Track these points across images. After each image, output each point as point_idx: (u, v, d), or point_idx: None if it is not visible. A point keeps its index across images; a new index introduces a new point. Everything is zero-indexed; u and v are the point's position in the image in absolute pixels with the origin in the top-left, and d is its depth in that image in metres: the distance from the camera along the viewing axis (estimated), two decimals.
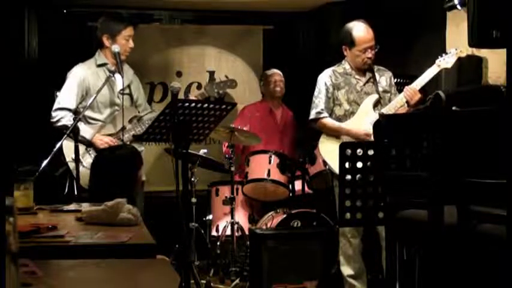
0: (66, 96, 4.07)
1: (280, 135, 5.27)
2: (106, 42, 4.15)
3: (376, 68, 4.14)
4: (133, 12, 5.28)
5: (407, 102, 3.92)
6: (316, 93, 4.14)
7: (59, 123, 4.02)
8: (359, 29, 4.02)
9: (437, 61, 3.90)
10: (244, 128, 4.75)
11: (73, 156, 3.89)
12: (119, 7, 5.38)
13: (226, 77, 4.70)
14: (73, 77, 4.13)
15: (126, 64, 4.29)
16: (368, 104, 4.05)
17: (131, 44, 4.18)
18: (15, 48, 5.10)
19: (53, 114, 4.06)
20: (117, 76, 4.10)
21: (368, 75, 4.13)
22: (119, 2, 5.47)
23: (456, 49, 3.89)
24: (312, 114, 4.11)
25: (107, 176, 3.14)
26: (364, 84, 4.10)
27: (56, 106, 4.06)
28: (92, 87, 4.09)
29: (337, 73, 4.13)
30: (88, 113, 4.07)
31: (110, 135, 4.12)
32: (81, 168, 3.73)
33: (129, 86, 4.26)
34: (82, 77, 4.11)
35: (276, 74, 5.30)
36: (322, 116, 4.07)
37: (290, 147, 5.27)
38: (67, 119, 4.01)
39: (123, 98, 4.10)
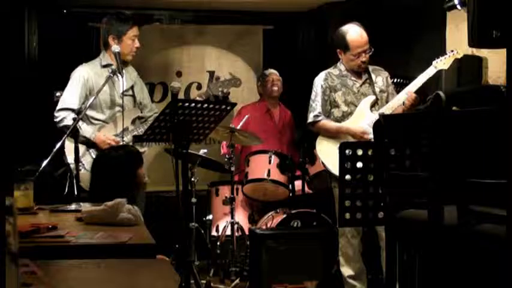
0: (70, 97, 4.08)
1: (278, 135, 5.27)
2: (112, 42, 4.15)
3: (371, 68, 4.14)
4: (133, 12, 5.27)
5: (404, 103, 3.92)
6: (312, 96, 4.14)
7: (62, 124, 4.03)
8: (353, 34, 4.01)
9: (434, 62, 3.90)
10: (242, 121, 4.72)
11: (74, 157, 3.90)
12: (119, 7, 5.37)
13: (231, 74, 4.68)
14: (77, 77, 4.14)
15: (131, 66, 4.32)
16: (365, 105, 4.04)
17: (137, 43, 4.20)
18: (15, 48, 5.10)
19: (56, 114, 4.06)
20: (121, 77, 4.11)
21: (364, 76, 4.13)
22: (119, 2, 5.47)
23: (453, 50, 3.89)
24: (310, 118, 4.11)
25: (106, 176, 3.14)
26: (361, 86, 4.10)
27: (59, 106, 4.07)
28: (96, 88, 4.10)
29: (333, 75, 4.13)
30: (91, 112, 4.08)
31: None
32: (81, 169, 3.73)
33: (132, 88, 4.27)
34: (86, 77, 4.12)
35: (273, 74, 5.31)
36: (319, 119, 4.07)
37: (289, 147, 5.27)
38: (69, 119, 4.01)
39: (123, 98, 4.11)
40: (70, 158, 3.92)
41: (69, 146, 3.83)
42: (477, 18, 2.04)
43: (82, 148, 3.94)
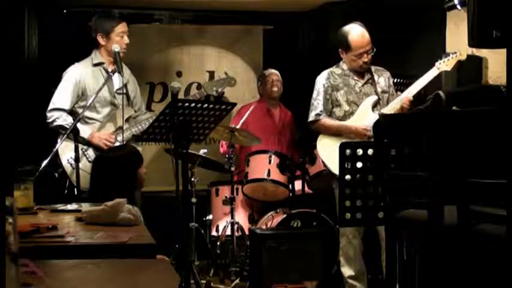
0: (61, 97, 4.08)
1: (278, 135, 5.27)
2: (101, 41, 4.16)
3: (374, 68, 4.14)
4: (133, 12, 5.28)
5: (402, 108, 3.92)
6: (314, 95, 4.14)
7: (54, 124, 4.03)
8: (355, 34, 4.01)
9: (437, 63, 3.89)
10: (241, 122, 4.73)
11: (68, 158, 3.91)
12: (119, 7, 5.37)
13: (226, 74, 4.67)
14: (68, 78, 4.13)
15: (123, 64, 4.30)
16: (367, 104, 4.05)
17: (126, 40, 4.18)
18: (15, 48, 5.10)
19: (48, 114, 4.06)
20: (114, 75, 4.10)
21: (367, 76, 4.13)
22: (119, 2, 5.47)
23: (456, 52, 3.89)
24: (311, 116, 4.11)
25: (107, 176, 3.14)
26: (363, 85, 4.11)
27: (50, 107, 4.07)
28: (88, 87, 4.10)
29: (335, 74, 4.13)
30: (86, 113, 4.07)
31: None
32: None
33: (125, 86, 4.26)
34: (78, 77, 4.12)
35: (273, 74, 5.30)
36: (321, 117, 4.07)
37: (288, 147, 5.27)
38: (62, 119, 4.01)
39: (122, 97, 4.11)
40: (64, 158, 3.93)
41: (63, 146, 3.83)
42: (477, 18, 2.04)
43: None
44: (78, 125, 3.98)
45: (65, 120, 4.00)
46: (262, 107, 5.32)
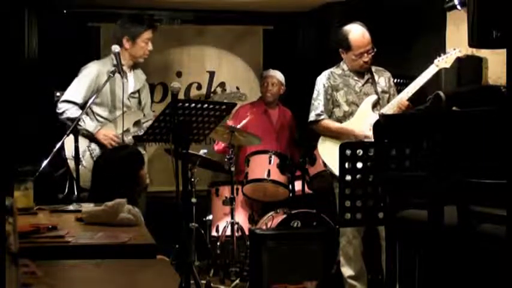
0: (75, 90, 4.10)
1: (276, 135, 5.26)
2: (126, 44, 4.19)
3: (374, 68, 4.14)
4: (133, 13, 5.27)
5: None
6: (314, 95, 4.14)
7: (64, 116, 4.05)
8: (355, 34, 4.01)
9: (435, 61, 3.90)
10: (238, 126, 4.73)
11: (73, 152, 3.90)
12: (119, 7, 5.38)
13: (238, 88, 4.72)
14: (86, 72, 4.16)
15: (140, 69, 4.35)
16: (367, 104, 4.04)
17: (150, 46, 4.25)
18: (15, 48, 5.10)
19: (59, 105, 4.08)
20: (130, 78, 4.14)
21: (367, 76, 4.13)
22: (119, 3, 5.47)
23: (455, 49, 3.89)
24: (312, 117, 4.11)
25: (108, 176, 3.14)
26: (363, 85, 4.11)
27: (63, 98, 4.09)
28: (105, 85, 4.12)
29: (335, 74, 4.13)
30: (97, 110, 4.11)
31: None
32: (80, 167, 3.73)
33: (139, 90, 4.31)
34: (96, 73, 4.14)
35: (270, 77, 5.24)
36: (321, 118, 4.07)
37: (287, 148, 5.26)
38: (71, 112, 4.03)
39: (125, 100, 4.12)
40: (68, 153, 3.93)
41: (68, 140, 3.83)
42: (477, 18, 2.04)
43: (82, 145, 3.95)
44: (87, 120, 4.00)
45: (75, 113, 4.01)
46: (260, 107, 5.32)
